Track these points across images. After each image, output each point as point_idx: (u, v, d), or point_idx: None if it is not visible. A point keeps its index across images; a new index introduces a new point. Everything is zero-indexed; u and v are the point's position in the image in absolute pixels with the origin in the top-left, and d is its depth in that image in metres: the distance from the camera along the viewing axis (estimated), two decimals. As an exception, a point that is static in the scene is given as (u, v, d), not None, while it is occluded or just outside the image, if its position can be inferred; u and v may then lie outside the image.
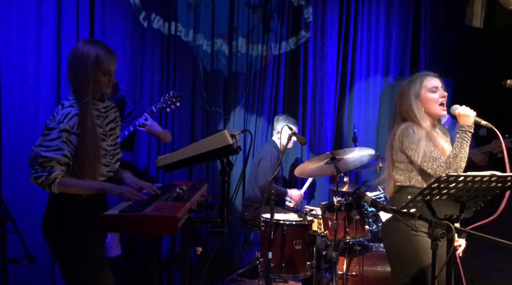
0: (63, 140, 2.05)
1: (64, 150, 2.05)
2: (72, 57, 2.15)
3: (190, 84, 4.13)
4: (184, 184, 2.65)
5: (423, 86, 2.45)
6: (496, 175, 1.95)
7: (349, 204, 3.46)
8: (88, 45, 2.14)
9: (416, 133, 2.39)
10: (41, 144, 2.06)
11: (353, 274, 3.43)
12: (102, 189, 2.15)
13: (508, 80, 2.11)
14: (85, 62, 2.11)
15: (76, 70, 2.13)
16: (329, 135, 4.78)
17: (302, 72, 4.66)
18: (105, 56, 2.14)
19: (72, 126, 2.08)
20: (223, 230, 2.24)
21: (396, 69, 5.11)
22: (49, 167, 2.02)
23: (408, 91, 2.47)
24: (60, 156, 2.04)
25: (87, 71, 2.11)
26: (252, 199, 4.08)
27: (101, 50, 2.13)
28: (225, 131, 2.13)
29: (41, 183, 2.03)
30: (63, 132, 2.06)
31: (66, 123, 2.07)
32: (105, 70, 2.15)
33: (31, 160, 2.08)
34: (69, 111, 2.10)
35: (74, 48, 2.17)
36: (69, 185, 2.07)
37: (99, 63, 2.12)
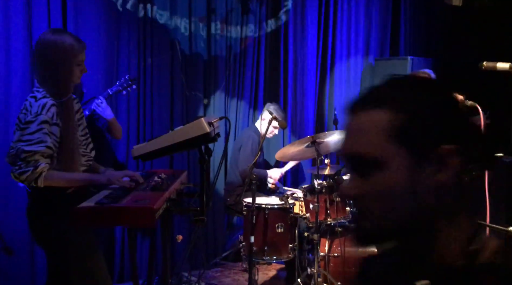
0: (44, 132, 2.01)
1: (48, 142, 2.01)
2: (44, 48, 2.07)
3: (168, 68, 4.05)
4: (163, 172, 2.61)
5: None
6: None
7: (330, 186, 3.47)
8: (59, 36, 2.08)
9: None
10: (20, 138, 2.00)
11: (335, 255, 3.46)
12: (88, 180, 2.14)
13: (484, 62, 2.10)
14: (63, 54, 2.06)
15: (54, 64, 2.07)
16: (311, 118, 4.77)
17: (282, 54, 4.61)
18: (79, 46, 2.10)
19: (52, 117, 2.04)
20: (203, 218, 2.23)
21: (377, 49, 5.10)
22: (33, 161, 1.97)
23: None
24: (43, 148, 2.00)
25: (66, 64, 2.07)
26: (234, 184, 4.07)
27: (74, 40, 2.09)
28: (202, 119, 2.09)
29: (27, 178, 1.97)
30: (44, 124, 2.01)
31: (45, 115, 2.02)
32: (79, 61, 2.11)
33: (11, 156, 2.02)
34: (45, 102, 2.05)
35: (45, 39, 2.08)
36: (55, 178, 2.03)
37: (75, 54, 2.08)
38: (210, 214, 4.28)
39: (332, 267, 3.46)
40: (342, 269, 3.43)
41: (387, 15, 5.11)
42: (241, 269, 4.17)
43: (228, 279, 3.98)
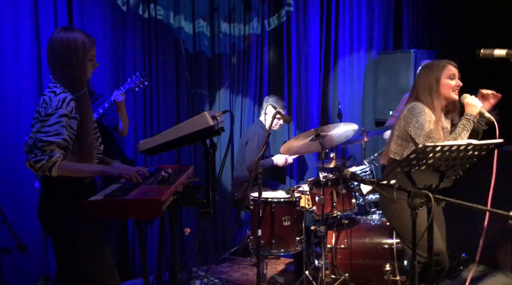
0: (62, 125, 2.08)
1: (64, 134, 2.08)
2: (58, 46, 2.14)
3: (173, 67, 4.10)
4: (170, 167, 2.66)
5: (443, 73, 2.65)
6: (472, 143, 2.00)
7: (335, 179, 3.51)
8: (71, 33, 2.16)
9: (425, 115, 2.58)
10: (40, 130, 2.08)
11: (341, 247, 3.50)
12: (100, 171, 2.21)
13: (481, 50, 2.13)
14: (75, 51, 2.13)
15: (68, 60, 2.13)
16: (315, 112, 4.80)
17: (285, 50, 4.64)
18: (89, 42, 2.18)
19: (71, 111, 2.11)
20: (209, 210, 2.27)
21: (380, 43, 5.12)
22: (49, 150, 2.04)
23: (429, 74, 2.68)
24: (60, 140, 2.07)
25: (79, 60, 2.14)
26: (241, 179, 4.11)
27: (84, 36, 2.17)
28: (205, 113, 2.14)
29: (41, 167, 2.04)
30: (63, 117, 2.09)
31: (64, 108, 2.09)
32: (91, 56, 2.19)
33: (29, 146, 2.10)
34: (65, 96, 2.12)
35: (57, 37, 2.15)
36: (69, 168, 2.10)
37: (87, 50, 2.16)
38: (219, 210, 4.34)
39: (339, 259, 3.50)
40: (349, 260, 3.47)
41: (389, 9, 5.13)
42: (250, 264, 4.22)
43: (237, 274, 4.03)
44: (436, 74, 2.64)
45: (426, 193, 1.95)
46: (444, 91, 2.64)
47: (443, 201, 2.05)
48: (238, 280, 3.88)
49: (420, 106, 2.60)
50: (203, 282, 3.73)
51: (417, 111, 2.59)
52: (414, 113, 2.59)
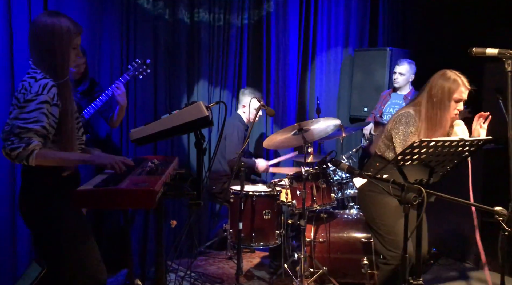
0: (43, 112, 1.98)
1: (43, 122, 1.98)
2: (42, 31, 2.03)
3: (152, 55, 4.00)
4: (155, 158, 2.60)
5: (455, 92, 2.56)
6: (464, 139, 2.05)
7: (316, 173, 3.53)
8: (56, 18, 2.05)
9: (413, 127, 2.57)
10: (18, 116, 1.96)
11: (320, 241, 3.53)
12: (82, 160, 2.10)
13: (473, 48, 2.19)
14: (60, 37, 2.03)
15: (51, 47, 2.03)
16: (293, 107, 4.82)
17: (265, 44, 4.62)
18: (75, 29, 2.08)
19: (52, 98, 2.01)
20: (199, 202, 2.23)
21: (356, 40, 5.19)
22: (27, 138, 1.93)
23: (440, 85, 2.56)
24: (38, 127, 1.96)
25: (63, 48, 2.04)
26: (219, 173, 4.07)
27: (70, 23, 2.07)
28: (200, 102, 2.10)
29: (18, 155, 1.93)
30: (44, 103, 1.98)
31: (46, 95, 1.99)
32: (75, 45, 2.10)
33: (6, 133, 1.98)
34: (46, 82, 2.01)
35: (42, 21, 2.04)
36: (48, 157, 1.99)
37: (71, 37, 2.06)
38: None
39: (318, 252, 3.53)
40: (327, 254, 3.51)
41: (366, 6, 5.20)
42: (226, 257, 4.20)
43: (213, 267, 3.99)
44: (451, 90, 2.55)
45: (419, 187, 2.00)
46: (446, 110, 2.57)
47: (433, 196, 2.10)
48: (214, 273, 3.85)
49: (412, 117, 2.59)
50: (178, 276, 3.67)
51: (407, 121, 2.59)
52: (403, 122, 2.59)
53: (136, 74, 3.29)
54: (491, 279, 2.90)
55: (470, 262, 4.11)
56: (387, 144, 2.71)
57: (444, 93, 2.55)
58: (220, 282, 3.66)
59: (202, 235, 4.40)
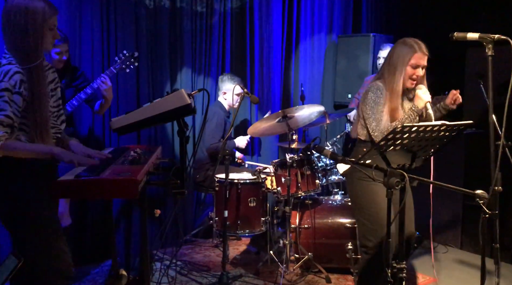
0: (4, 100, 1.91)
1: (7, 110, 1.91)
2: (14, 12, 1.96)
3: (133, 43, 3.93)
4: (138, 147, 2.57)
5: (412, 58, 2.56)
6: (446, 124, 2.07)
7: (300, 160, 3.54)
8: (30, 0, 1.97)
9: (379, 95, 2.56)
10: None
11: (305, 227, 3.55)
12: (50, 153, 2.01)
13: (455, 33, 2.20)
14: (33, 18, 1.96)
15: (23, 28, 1.96)
16: (277, 94, 4.80)
17: (248, 30, 4.58)
18: (51, 10, 2.01)
19: (14, 85, 1.94)
20: (183, 190, 2.21)
21: (340, 26, 5.18)
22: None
23: (397, 55, 2.59)
24: (2, 117, 1.90)
25: (37, 28, 1.97)
26: (202, 161, 4.05)
27: (45, 4, 1.99)
28: (182, 90, 2.07)
29: None
30: (5, 91, 1.92)
31: (7, 82, 1.92)
32: (51, 25, 2.02)
33: None
34: (8, 69, 1.94)
35: (15, 3, 1.97)
36: (15, 148, 1.94)
37: (46, 18, 1.98)
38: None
39: (303, 238, 3.55)
40: (312, 240, 3.53)
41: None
42: (212, 245, 4.20)
43: (199, 255, 4.00)
44: (406, 58, 2.57)
45: (402, 172, 2.01)
46: (405, 77, 2.60)
47: (416, 181, 2.11)
48: (201, 261, 3.85)
49: (377, 87, 2.59)
50: (164, 265, 3.66)
51: (373, 92, 2.58)
52: (367, 95, 2.59)
53: (123, 67, 3.21)
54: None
55: (452, 245, 4.19)
56: (364, 124, 2.65)
57: (399, 58, 2.58)
58: (206, 270, 3.67)
59: (188, 223, 4.39)
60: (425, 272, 3.63)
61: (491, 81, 2.11)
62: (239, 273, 3.59)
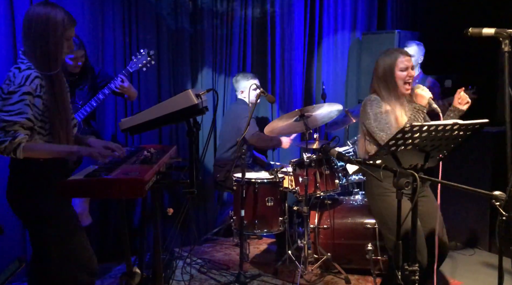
0: (26, 103, 1.99)
1: (28, 113, 1.99)
2: (36, 21, 2.04)
3: (154, 44, 3.99)
4: (152, 147, 2.61)
5: (396, 64, 2.60)
6: (458, 123, 1.99)
7: (319, 159, 3.50)
8: (51, 9, 2.06)
9: (376, 106, 2.57)
10: (2, 108, 1.98)
11: (324, 227, 3.51)
12: (70, 152, 2.09)
13: (470, 29, 2.11)
14: (53, 28, 2.03)
15: (44, 37, 2.03)
16: (299, 93, 4.77)
17: (269, 28, 4.56)
18: (69, 21, 2.09)
19: (35, 89, 2.02)
20: (193, 190, 2.23)
21: (364, 23, 5.08)
22: (12, 131, 1.95)
23: (382, 64, 2.64)
24: (23, 120, 1.98)
25: (57, 37, 2.04)
26: (223, 160, 4.07)
27: (65, 14, 2.07)
28: (189, 91, 2.08)
29: (5, 149, 1.95)
30: (26, 95, 1.99)
31: (28, 86, 2.00)
32: (68, 36, 2.10)
33: None
34: (29, 73, 2.02)
35: (36, 11, 2.05)
36: (35, 149, 2.02)
37: (65, 29, 2.06)
38: (201, 191, 4.28)
39: (322, 239, 3.51)
40: (331, 240, 3.49)
41: (374, -12, 5.08)
42: (233, 244, 4.22)
43: (219, 254, 4.02)
44: (390, 65, 2.60)
45: (412, 172, 1.95)
46: (397, 82, 2.60)
47: (428, 181, 2.05)
48: (221, 260, 3.88)
49: (372, 99, 2.60)
50: (185, 262, 3.71)
51: (371, 104, 2.58)
52: (368, 108, 2.59)
53: (140, 66, 3.22)
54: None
55: (480, 247, 4.04)
56: (371, 139, 2.63)
57: (386, 69, 2.60)
58: (226, 269, 3.69)
59: (209, 222, 4.42)
60: (450, 275, 3.52)
61: (508, 78, 2.02)
62: (258, 272, 3.59)
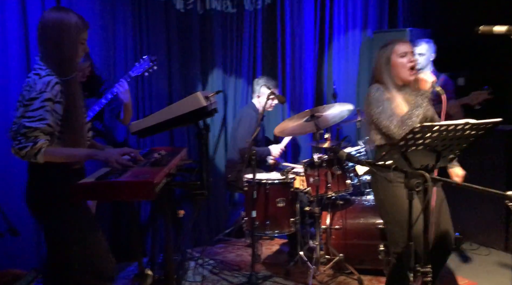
0: (46, 109, 2.02)
1: (48, 119, 2.02)
2: (51, 26, 2.06)
3: (165, 46, 4.01)
4: (163, 149, 2.62)
5: (393, 52, 2.59)
6: (470, 122, 1.96)
7: (330, 160, 3.49)
8: (65, 14, 2.08)
9: (380, 93, 2.54)
10: (23, 114, 2.02)
11: (336, 228, 3.49)
12: (88, 156, 2.13)
13: (481, 27, 2.08)
14: (68, 32, 2.06)
15: (59, 41, 2.06)
16: (310, 93, 4.75)
17: (279, 28, 4.56)
18: (82, 24, 2.11)
19: (56, 95, 2.05)
20: (203, 192, 2.24)
21: (375, 22, 5.03)
22: (33, 137, 1.99)
23: (380, 56, 2.64)
24: (44, 126, 2.01)
25: (71, 42, 2.07)
26: (234, 161, 4.08)
27: (78, 18, 2.09)
28: (198, 93, 2.09)
29: (26, 154, 1.99)
30: (47, 101, 2.02)
31: (49, 92, 2.02)
32: (82, 40, 2.12)
33: (14, 132, 2.04)
34: (50, 79, 2.05)
35: (50, 17, 2.08)
36: (55, 154, 2.05)
37: (79, 32, 2.09)
38: (212, 191, 4.30)
39: (334, 240, 3.50)
40: (343, 241, 3.47)
41: (385, -14, 5.03)
42: (245, 245, 4.22)
43: (231, 255, 4.03)
44: (386, 55, 2.59)
45: (423, 173, 1.93)
46: (398, 70, 2.57)
47: (439, 182, 2.03)
48: (233, 261, 3.88)
49: (374, 89, 2.57)
50: (197, 263, 3.72)
51: (370, 96, 2.56)
52: (368, 98, 2.57)
53: (142, 71, 3.22)
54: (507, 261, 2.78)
55: (496, 247, 3.98)
56: (375, 128, 2.60)
57: (384, 59, 2.60)
58: (238, 269, 3.70)
59: (221, 223, 4.43)
60: (464, 275, 3.47)
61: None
62: (270, 273, 3.59)
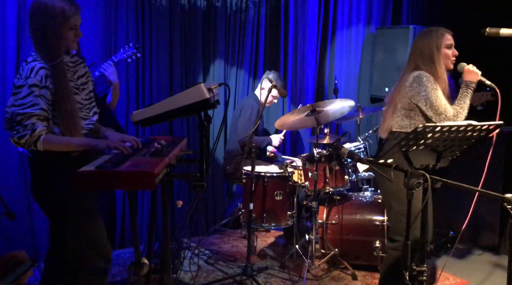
0: (35, 95, 2.00)
1: (40, 104, 2.00)
2: (35, 13, 2.04)
3: (167, 36, 3.98)
4: (163, 139, 2.61)
5: (443, 42, 2.62)
6: (472, 124, 1.97)
7: (329, 155, 3.49)
8: None
9: (430, 83, 2.54)
10: (14, 103, 2.00)
11: (332, 223, 3.51)
12: (87, 145, 2.12)
13: (487, 28, 2.08)
14: (52, 18, 2.02)
15: (43, 28, 2.03)
16: (311, 87, 4.74)
17: (283, 22, 4.53)
18: (71, 9, 2.06)
19: (40, 80, 2.02)
20: (203, 183, 2.23)
21: (379, 18, 5.02)
22: (30, 124, 1.97)
23: (429, 43, 2.62)
24: (38, 111, 1.99)
25: (55, 28, 2.03)
26: (233, 152, 4.08)
27: (66, 4, 2.05)
28: (201, 84, 2.07)
29: (26, 142, 1.98)
30: (33, 87, 2.00)
31: (33, 78, 2.01)
32: (72, 25, 2.08)
33: (7, 121, 2.02)
34: (33, 65, 2.03)
35: (37, 3, 2.05)
36: (55, 142, 2.04)
37: (66, 18, 2.04)
38: (210, 182, 4.32)
39: (330, 234, 3.52)
40: (339, 236, 3.49)
41: (389, -18, 5.01)
42: (240, 236, 4.24)
43: (227, 245, 4.05)
44: (436, 43, 2.60)
45: (423, 173, 1.94)
46: (445, 60, 2.63)
47: (439, 182, 2.03)
48: (228, 251, 3.90)
49: (426, 75, 2.56)
50: (193, 253, 3.74)
51: (424, 80, 2.54)
52: (421, 83, 2.53)
53: (125, 57, 3.21)
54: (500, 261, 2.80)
55: (489, 247, 4.01)
56: (410, 115, 2.59)
57: (433, 46, 2.60)
58: (233, 260, 3.72)
59: (218, 213, 4.44)
60: (457, 274, 3.50)
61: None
62: (265, 265, 3.61)
